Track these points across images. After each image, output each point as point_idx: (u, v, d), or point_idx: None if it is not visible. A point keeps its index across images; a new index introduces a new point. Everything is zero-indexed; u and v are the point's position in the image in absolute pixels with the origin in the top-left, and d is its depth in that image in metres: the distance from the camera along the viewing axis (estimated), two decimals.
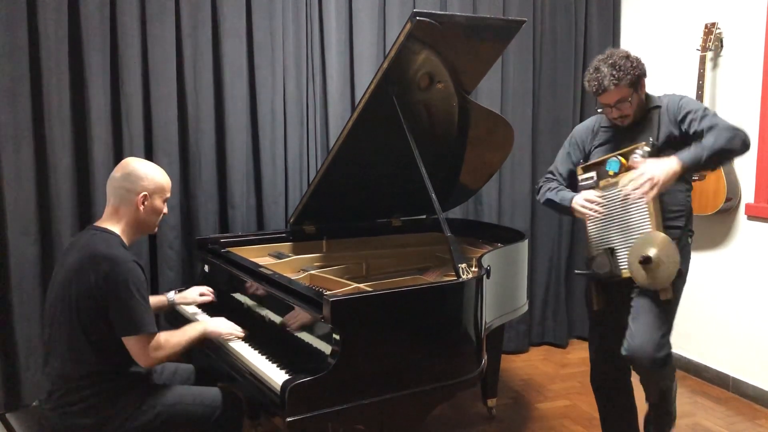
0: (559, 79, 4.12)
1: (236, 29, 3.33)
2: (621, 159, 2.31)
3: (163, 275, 3.28)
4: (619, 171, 2.32)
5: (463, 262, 2.24)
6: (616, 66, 2.27)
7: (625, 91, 2.29)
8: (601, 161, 2.40)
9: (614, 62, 2.28)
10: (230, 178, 3.39)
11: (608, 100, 2.33)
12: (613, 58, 2.30)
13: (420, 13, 2.22)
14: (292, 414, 1.86)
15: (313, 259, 2.95)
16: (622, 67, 2.26)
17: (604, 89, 2.29)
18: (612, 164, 2.34)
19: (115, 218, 2.10)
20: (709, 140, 2.19)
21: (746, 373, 3.50)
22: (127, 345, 1.99)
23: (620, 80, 2.26)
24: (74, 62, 3.04)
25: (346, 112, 3.56)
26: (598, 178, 2.40)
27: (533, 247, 4.12)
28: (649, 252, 2.23)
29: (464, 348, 2.18)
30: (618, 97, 2.30)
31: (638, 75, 2.29)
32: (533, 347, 4.25)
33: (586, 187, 2.43)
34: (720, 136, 2.19)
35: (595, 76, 2.31)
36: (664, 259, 2.22)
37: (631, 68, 2.27)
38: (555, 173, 2.63)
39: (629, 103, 2.32)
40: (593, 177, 2.41)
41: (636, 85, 2.30)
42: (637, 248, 2.27)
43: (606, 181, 2.38)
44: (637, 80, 2.30)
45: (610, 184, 2.37)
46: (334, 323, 1.93)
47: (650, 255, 2.22)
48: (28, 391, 3.02)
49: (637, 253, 2.26)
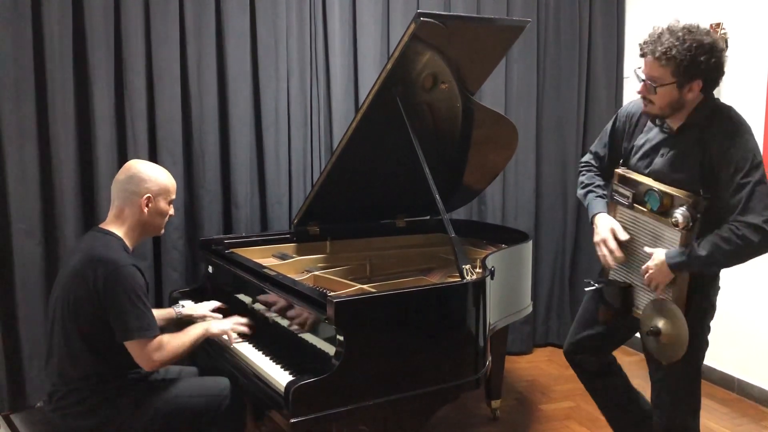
0: (563, 80, 4.11)
1: (240, 29, 3.33)
2: (663, 199, 1.99)
3: (167, 276, 3.28)
4: (657, 211, 2.02)
5: (467, 263, 2.24)
6: (679, 41, 1.81)
7: (663, 73, 1.85)
8: (642, 183, 2.07)
9: (679, 38, 1.82)
10: (234, 179, 3.40)
11: (644, 69, 1.93)
12: (689, 35, 1.83)
13: (424, 14, 2.22)
14: (296, 415, 1.85)
15: (317, 260, 2.94)
16: (683, 50, 1.80)
17: (643, 53, 1.91)
18: (652, 200, 2.02)
19: (120, 220, 2.11)
20: (704, 248, 1.87)
21: (751, 375, 3.49)
22: (129, 349, 1.98)
23: (663, 57, 1.82)
24: (78, 62, 3.04)
25: (349, 112, 3.56)
26: (633, 201, 2.10)
27: (537, 248, 4.10)
28: (659, 324, 2.04)
29: (468, 349, 2.18)
30: (652, 73, 1.89)
31: (694, 71, 1.82)
32: (537, 348, 4.24)
33: (620, 204, 2.15)
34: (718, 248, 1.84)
35: (651, 36, 1.90)
36: (672, 335, 2.01)
37: (692, 58, 1.80)
38: (595, 158, 2.33)
39: (656, 91, 1.89)
40: (629, 197, 2.11)
41: (682, 78, 1.84)
42: (649, 313, 2.08)
43: (641, 210, 2.09)
44: (686, 73, 1.83)
45: (645, 213, 2.08)
46: (337, 324, 1.93)
47: (660, 327, 2.04)
48: (32, 392, 3.02)
49: (648, 320, 2.07)
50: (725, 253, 1.85)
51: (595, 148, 2.36)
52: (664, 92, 1.89)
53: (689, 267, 1.93)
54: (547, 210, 4.17)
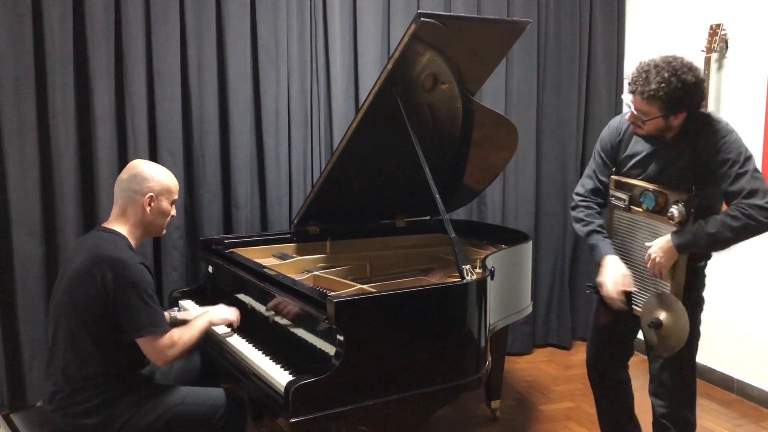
0: (563, 81, 4.11)
1: (241, 30, 3.34)
2: (658, 198, 2.13)
3: (167, 276, 3.28)
4: (653, 210, 2.16)
5: (467, 263, 2.24)
6: (664, 83, 1.96)
7: (652, 110, 2.02)
8: (637, 185, 2.20)
9: (665, 79, 1.96)
10: (234, 179, 3.40)
11: (633, 103, 2.08)
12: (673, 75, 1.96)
13: (424, 14, 2.22)
14: (296, 415, 1.85)
15: (317, 260, 2.95)
16: (667, 89, 1.96)
17: (632, 91, 2.05)
18: (648, 200, 2.16)
19: (122, 219, 2.11)
20: (712, 226, 2.00)
21: (751, 376, 3.49)
22: (141, 346, 2.00)
23: (652, 98, 1.99)
24: (79, 62, 3.05)
25: (350, 112, 3.56)
26: (629, 203, 2.23)
27: (537, 248, 4.11)
28: (661, 316, 2.12)
29: (468, 349, 2.18)
30: (642, 108, 2.04)
31: (679, 108, 2.00)
32: (537, 349, 4.24)
33: (617, 207, 2.28)
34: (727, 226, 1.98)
35: (638, 75, 2.02)
36: (673, 327, 2.10)
37: (677, 99, 1.97)
38: (588, 193, 2.38)
39: (645, 122, 2.06)
40: (625, 200, 2.24)
41: (669, 114, 2.02)
42: (651, 307, 2.16)
43: (637, 211, 2.22)
44: (673, 110, 2.00)
45: (641, 214, 2.21)
46: (337, 324, 1.93)
47: (661, 320, 2.12)
48: (33, 392, 3.03)
49: (649, 313, 2.15)
50: (732, 230, 1.98)
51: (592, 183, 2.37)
52: (652, 122, 2.06)
53: (696, 245, 2.05)
54: (547, 210, 4.18)
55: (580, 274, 4.25)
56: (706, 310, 2.34)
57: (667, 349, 2.14)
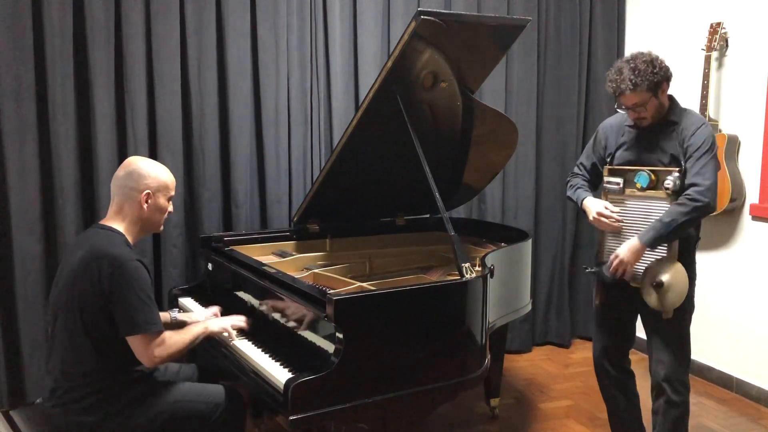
0: (563, 79, 4.11)
1: (240, 28, 3.33)
2: (651, 176, 2.34)
3: (167, 273, 3.28)
4: (647, 187, 2.36)
5: (467, 261, 2.24)
6: (636, 70, 2.26)
7: (643, 96, 2.29)
8: (630, 169, 2.42)
9: (635, 66, 2.27)
10: (234, 177, 3.40)
11: (626, 102, 2.34)
12: (636, 61, 2.28)
13: (425, 12, 2.22)
14: (295, 412, 1.86)
15: (317, 257, 2.95)
16: (642, 72, 2.25)
17: (621, 92, 2.31)
18: (641, 179, 2.37)
19: (120, 216, 2.11)
20: (668, 217, 2.25)
21: (750, 374, 3.49)
22: (131, 344, 1.99)
23: (637, 86, 2.26)
24: (79, 60, 3.04)
25: (350, 110, 3.56)
26: (624, 186, 2.43)
27: (537, 246, 4.11)
28: (663, 278, 2.30)
29: (467, 347, 2.18)
30: (635, 100, 2.30)
31: (658, 81, 2.28)
32: (536, 347, 4.24)
33: (612, 191, 2.46)
34: (679, 212, 2.23)
35: (614, 77, 2.32)
36: (674, 285, 2.29)
37: (652, 74, 2.26)
38: (580, 168, 2.66)
39: (645, 107, 2.32)
40: (620, 183, 2.44)
41: (656, 90, 2.30)
42: (652, 271, 2.33)
43: (632, 191, 2.41)
44: (656, 86, 2.29)
45: (635, 195, 2.40)
46: (337, 322, 1.93)
47: (663, 281, 2.29)
48: (32, 389, 3.03)
49: (651, 276, 2.32)
50: (683, 214, 2.23)
51: (580, 160, 2.69)
52: (650, 106, 2.34)
53: (660, 237, 2.27)
54: (546, 209, 4.18)
55: (580, 272, 4.25)
56: (706, 308, 2.38)
57: (668, 305, 2.31)
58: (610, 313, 2.55)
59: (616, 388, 2.62)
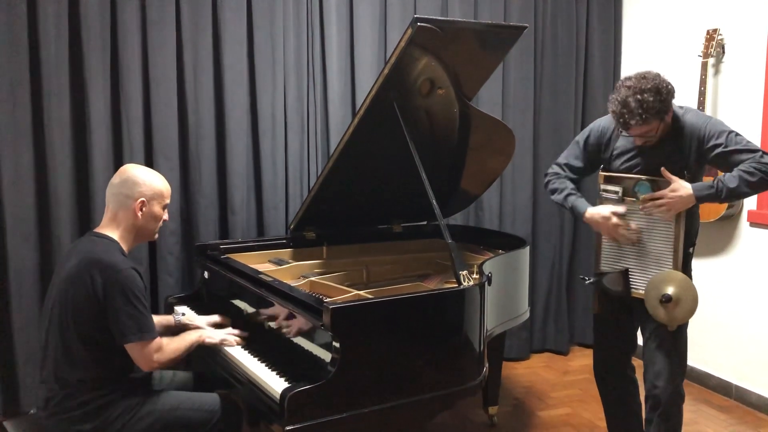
0: (560, 86, 4.11)
1: (237, 34, 3.33)
2: (653, 187, 2.27)
3: (163, 281, 3.26)
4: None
5: (464, 268, 2.23)
6: (644, 104, 2.15)
7: (651, 125, 2.21)
8: (629, 178, 2.34)
9: (642, 100, 2.15)
10: (230, 184, 3.38)
11: (633, 132, 2.26)
12: (642, 94, 2.15)
13: (421, 19, 2.21)
14: (291, 422, 1.84)
15: (314, 265, 2.94)
16: (650, 105, 2.15)
17: (629, 127, 2.22)
18: (643, 188, 2.29)
19: (114, 224, 2.10)
20: (732, 182, 2.18)
21: (749, 381, 3.48)
22: (129, 351, 1.99)
23: (645, 120, 2.17)
24: (74, 66, 3.03)
25: (346, 117, 3.56)
26: (623, 195, 2.34)
27: (534, 253, 4.10)
28: (669, 291, 2.23)
29: (465, 356, 2.17)
30: (644, 130, 2.23)
31: (666, 108, 2.20)
32: (535, 354, 4.22)
33: (609, 201, 2.38)
34: (744, 179, 2.17)
35: (620, 111, 2.19)
36: (683, 297, 2.23)
37: (659, 102, 2.16)
38: (565, 168, 2.56)
39: (655, 134, 2.26)
40: (618, 192, 2.35)
41: (663, 116, 2.22)
42: (656, 285, 2.26)
43: (632, 201, 2.33)
44: (664, 112, 2.21)
45: (635, 203, 2.32)
46: (334, 331, 1.92)
47: (671, 294, 2.22)
48: (26, 399, 3.01)
49: (656, 290, 2.25)
50: (749, 184, 2.18)
51: (565, 159, 2.58)
52: (660, 130, 2.27)
53: (716, 198, 2.22)
54: (544, 216, 4.17)
55: (578, 279, 4.24)
56: (705, 315, 2.37)
57: (677, 319, 2.26)
58: (610, 320, 2.52)
59: (616, 396, 2.61)
